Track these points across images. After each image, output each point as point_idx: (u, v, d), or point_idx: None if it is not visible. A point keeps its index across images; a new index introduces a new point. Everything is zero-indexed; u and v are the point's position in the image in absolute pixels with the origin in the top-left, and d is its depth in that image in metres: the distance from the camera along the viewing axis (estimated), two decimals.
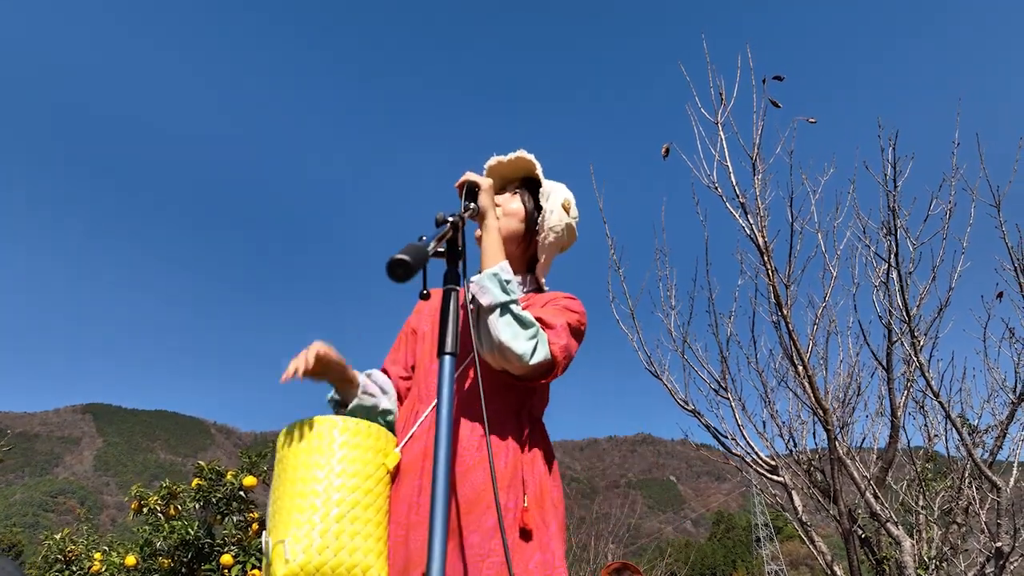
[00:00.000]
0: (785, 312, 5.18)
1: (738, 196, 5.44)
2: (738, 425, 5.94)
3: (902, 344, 4.94)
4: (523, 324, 1.36)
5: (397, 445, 1.45)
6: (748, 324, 6.34)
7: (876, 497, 5.10)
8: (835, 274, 5.72)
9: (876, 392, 6.94)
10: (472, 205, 1.39)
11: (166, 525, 3.99)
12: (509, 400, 1.51)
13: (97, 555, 4.85)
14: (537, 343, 1.38)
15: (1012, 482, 4.35)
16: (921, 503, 5.26)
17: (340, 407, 1.56)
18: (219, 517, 4.19)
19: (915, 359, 4.41)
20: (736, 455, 5.90)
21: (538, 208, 1.65)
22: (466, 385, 1.46)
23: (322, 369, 1.46)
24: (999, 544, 4.19)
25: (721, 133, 5.64)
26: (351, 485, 1.30)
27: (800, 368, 5.16)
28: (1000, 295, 4.64)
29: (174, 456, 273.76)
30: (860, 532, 5.41)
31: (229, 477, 4.33)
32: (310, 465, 1.32)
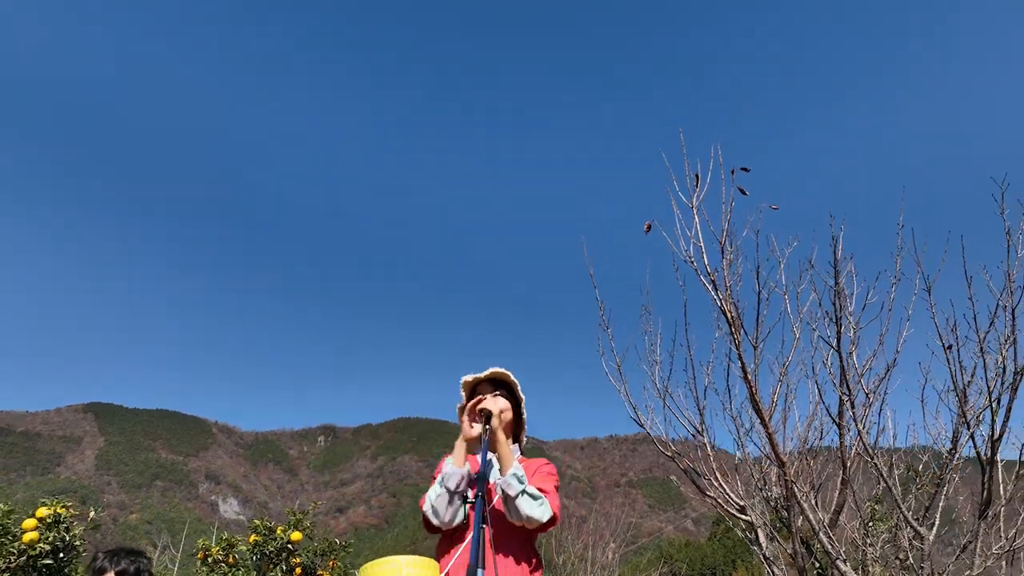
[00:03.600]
0: (749, 378, 6.00)
1: (709, 274, 6.25)
2: (712, 469, 6.75)
3: (851, 407, 5.76)
4: (535, 499, 2.18)
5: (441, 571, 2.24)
6: (724, 374, 7.18)
7: (828, 537, 5.91)
8: (797, 336, 6.54)
9: (834, 442, 7.75)
10: (487, 427, 2.20)
11: (229, 572, 4.80)
12: (527, 537, 2.32)
13: None
14: (544, 508, 2.19)
15: (934, 531, 5.16)
16: (868, 542, 6.07)
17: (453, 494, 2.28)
18: (271, 566, 5.01)
19: (856, 426, 5.22)
20: (710, 496, 6.70)
21: (517, 401, 2.48)
22: (504, 522, 2.27)
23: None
24: None
25: (695, 217, 6.45)
26: None
27: (762, 426, 5.98)
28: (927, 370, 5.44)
29: (175, 455, 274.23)
30: (817, 564, 6.22)
31: (279, 532, 5.12)
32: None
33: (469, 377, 2.44)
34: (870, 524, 6.12)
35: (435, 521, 2.23)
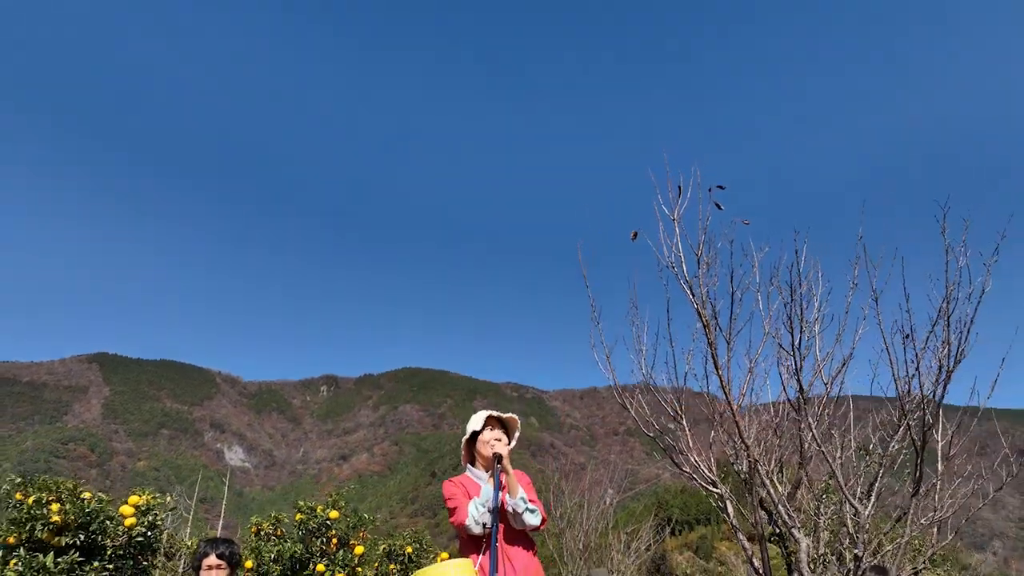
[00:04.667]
0: (720, 372, 6.89)
1: (687, 280, 7.09)
2: (688, 446, 7.69)
3: (803, 402, 6.68)
4: (532, 512, 3.10)
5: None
6: (703, 361, 8.08)
7: (786, 508, 6.89)
8: (767, 331, 7.42)
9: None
10: (498, 466, 3.09)
11: (279, 544, 5.76)
12: (527, 538, 3.24)
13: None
14: (537, 516, 3.11)
15: (871, 507, 6.13)
16: (821, 512, 7.06)
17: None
18: (313, 538, 5.96)
19: (806, 419, 6.13)
20: (686, 471, 7.66)
21: (511, 437, 3.40)
22: (511, 529, 3.19)
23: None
24: (856, 551, 5.99)
25: (676, 228, 7.26)
26: None
27: (732, 414, 6.90)
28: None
29: (180, 405, 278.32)
30: (778, 531, 7.22)
31: (319, 511, 6.07)
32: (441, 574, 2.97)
33: (492, 413, 3.41)
34: (823, 497, 7.08)
35: (476, 532, 3.17)
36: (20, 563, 4.18)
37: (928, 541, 7.36)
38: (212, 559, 3.69)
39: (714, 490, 7.50)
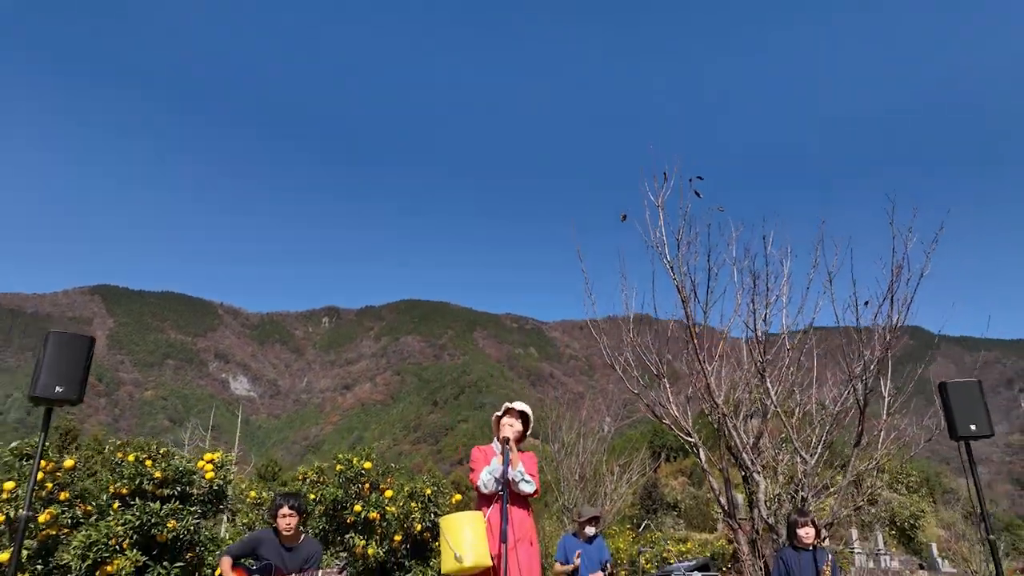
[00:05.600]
0: (695, 341, 8.00)
1: (668, 261, 8.12)
2: (668, 400, 8.85)
3: (763, 369, 7.80)
4: (528, 482, 4.19)
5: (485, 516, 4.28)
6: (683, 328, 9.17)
7: (749, 455, 8.09)
8: (739, 302, 8.49)
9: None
10: (506, 447, 4.18)
11: (322, 488, 6.98)
12: (525, 503, 4.36)
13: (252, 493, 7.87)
14: (531, 485, 4.20)
15: (815, 457, 7.33)
16: (778, 459, 8.28)
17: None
18: (350, 484, 7.15)
19: (765, 384, 7.26)
20: (666, 423, 8.85)
21: (526, 423, 4.46)
22: (515, 493, 4.29)
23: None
24: (803, 493, 7.21)
25: (660, 214, 8.24)
26: (476, 534, 4.11)
27: (702, 375, 8.03)
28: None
29: (184, 336, 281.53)
30: (744, 473, 8.44)
31: (355, 462, 7.23)
32: (458, 523, 4.12)
33: (510, 404, 4.49)
34: (782, 446, 8.29)
35: (485, 491, 4.26)
36: (137, 509, 5.37)
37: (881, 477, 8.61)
38: (285, 509, 4.82)
39: (689, 439, 8.70)
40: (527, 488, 4.24)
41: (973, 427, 5.54)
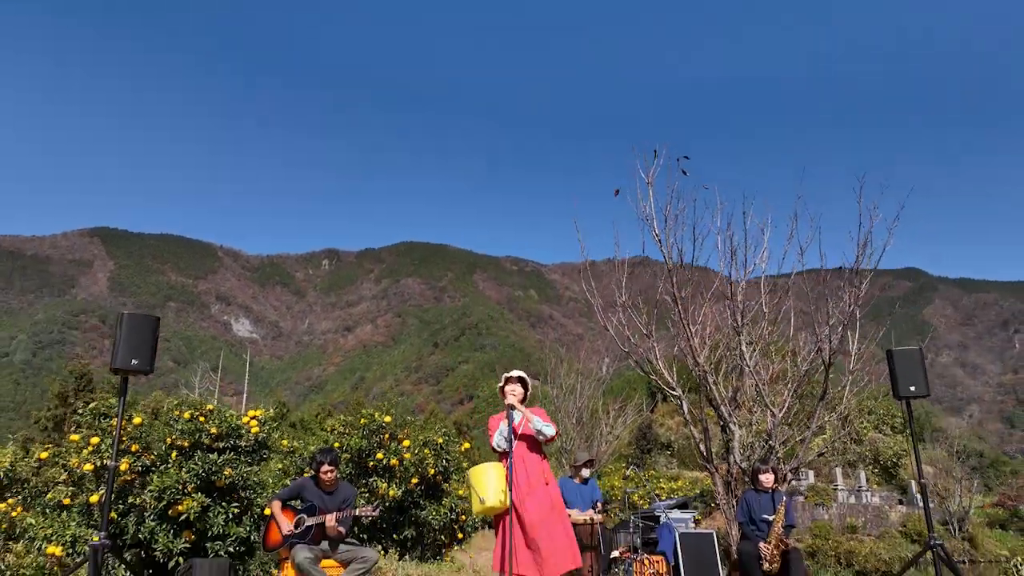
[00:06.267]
0: (679, 307, 8.86)
1: (656, 234, 8.92)
2: (656, 358, 9.78)
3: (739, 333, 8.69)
4: (548, 427, 5.09)
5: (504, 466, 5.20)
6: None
7: (726, 407, 9.05)
8: (721, 268, 9.33)
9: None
10: (512, 412, 5.06)
11: (347, 439, 7.95)
12: (540, 448, 5.27)
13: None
14: (551, 428, 5.11)
15: (782, 412, 8.29)
16: (753, 412, 9.25)
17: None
18: (373, 435, 8.11)
19: (740, 347, 8.15)
20: (653, 377, 9.79)
21: (526, 388, 5.35)
22: (528, 445, 5.19)
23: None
24: (771, 442, 8.20)
25: (650, 191, 9.00)
26: (496, 481, 5.02)
27: (686, 336, 8.92)
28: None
29: (185, 278, 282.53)
30: (721, 424, 9.42)
31: (377, 416, 8.19)
32: (482, 472, 5.04)
33: (509, 372, 5.34)
34: (757, 399, 9.24)
35: (499, 451, 5.16)
36: (199, 459, 6.31)
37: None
38: (326, 466, 5.75)
39: (673, 392, 9.65)
40: (549, 432, 5.09)
41: (913, 388, 6.43)
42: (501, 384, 5.38)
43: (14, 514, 6.17)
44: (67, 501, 6.65)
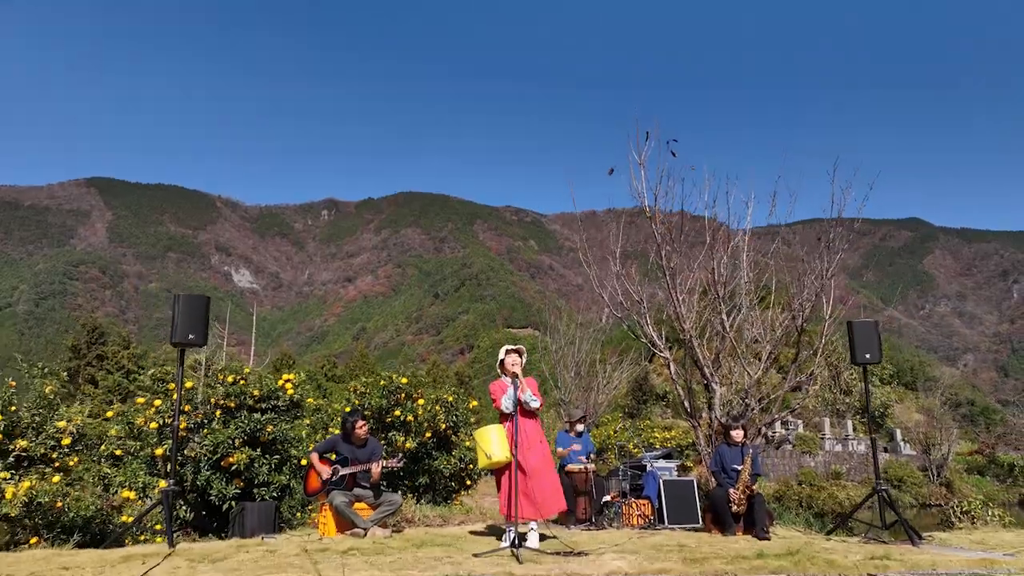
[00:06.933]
0: (667, 279, 9.74)
1: (647, 210, 9.73)
2: (646, 319, 10.68)
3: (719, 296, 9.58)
4: (534, 401, 6.00)
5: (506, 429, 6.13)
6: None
7: (709, 367, 10.00)
8: (708, 240, 10.17)
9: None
10: (516, 380, 5.96)
11: (368, 399, 8.93)
12: (533, 415, 6.22)
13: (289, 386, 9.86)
14: (537, 402, 6.02)
15: (762, 368, 9.23)
16: (733, 371, 10.20)
17: None
18: (391, 395, 9.08)
19: (720, 316, 9.05)
20: (644, 340, 10.71)
21: (522, 356, 6.25)
22: (521, 413, 6.14)
23: None
24: (747, 400, 9.17)
25: (642, 171, 9.78)
26: (499, 439, 5.96)
27: (674, 304, 9.82)
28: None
29: (184, 228, 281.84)
30: (704, 383, 10.39)
31: (394, 378, 9.14)
32: (488, 432, 5.97)
33: (509, 345, 6.21)
34: (734, 362, 10.19)
35: (506, 412, 6.06)
36: (245, 418, 7.26)
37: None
38: (360, 422, 6.71)
39: (662, 354, 10.58)
40: (534, 404, 6.01)
41: (868, 355, 7.33)
42: (502, 356, 6.26)
43: (101, 467, 7.14)
44: (119, 452, 7.65)
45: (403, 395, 9.10)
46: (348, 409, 8.96)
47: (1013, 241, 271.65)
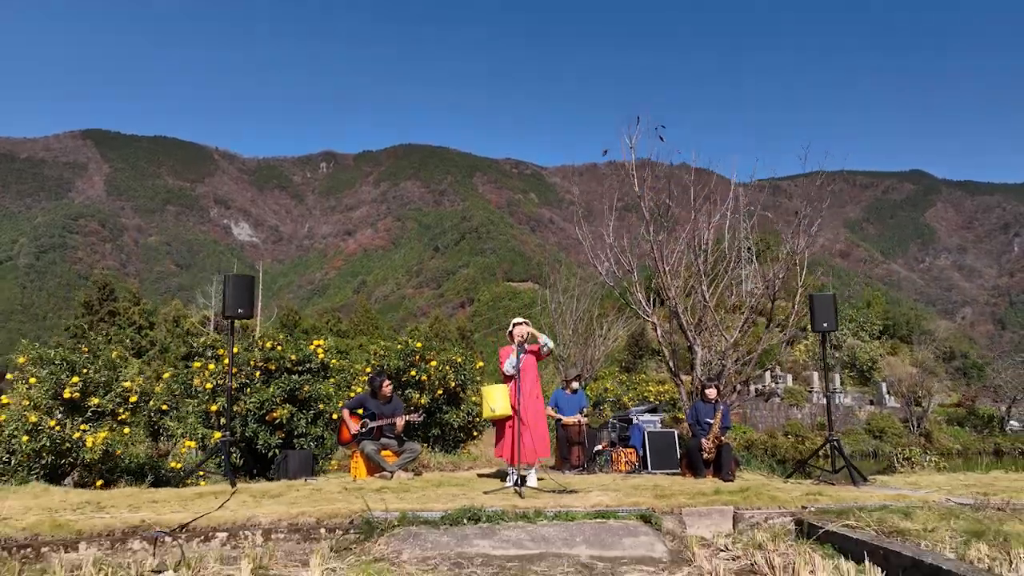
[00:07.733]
0: (655, 251, 10.79)
1: (638, 192, 10.73)
2: (636, 287, 11.76)
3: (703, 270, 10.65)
4: (550, 342, 7.15)
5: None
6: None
7: (693, 331, 11.11)
8: (694, 215, 11.20)
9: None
10: (523, 346, 7.06)
11: (386, 360, 10.07)
12: (536, 370, 7.36)
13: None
14: (551, 345, 7.18)
15: (736, 333, 10.35)
16: (715, 335, 11.32)
17: None
18: (407, 357, 10.22)
19: (701, 288, 10.13)
20: (633, 307, 11.80)
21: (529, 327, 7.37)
22: (526, 371, 7.25)
23: None
24: (724, 362, 10.32)
25: (632, 152, 10.74)
26: (503, 396, 7.08)
27: (661, 274, 10.88)
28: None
29: (182, 181, 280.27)
30: (688, 344, 11.52)
31: (410, 343, 10.26)
32: (493, 390, 7.09)
33: (516, 319, 7.29)
34: (715, 325, 11.29)
35: (508, 375, 7.15)
36: (284, 379, 8.40)
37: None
38: (386, 381, 7.84)
39: (649, 319, 11.69)
40: (551, 344, 7.24)
41: (826, 324, 8.41)
42: (510, 330, 7.34)
43: (163, 420, 8.32)
44: (165, 407, 8.81)
45: (417, 357, 10.24)
46: (368, 369, 10.12)
47: (1016, 194, 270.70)
